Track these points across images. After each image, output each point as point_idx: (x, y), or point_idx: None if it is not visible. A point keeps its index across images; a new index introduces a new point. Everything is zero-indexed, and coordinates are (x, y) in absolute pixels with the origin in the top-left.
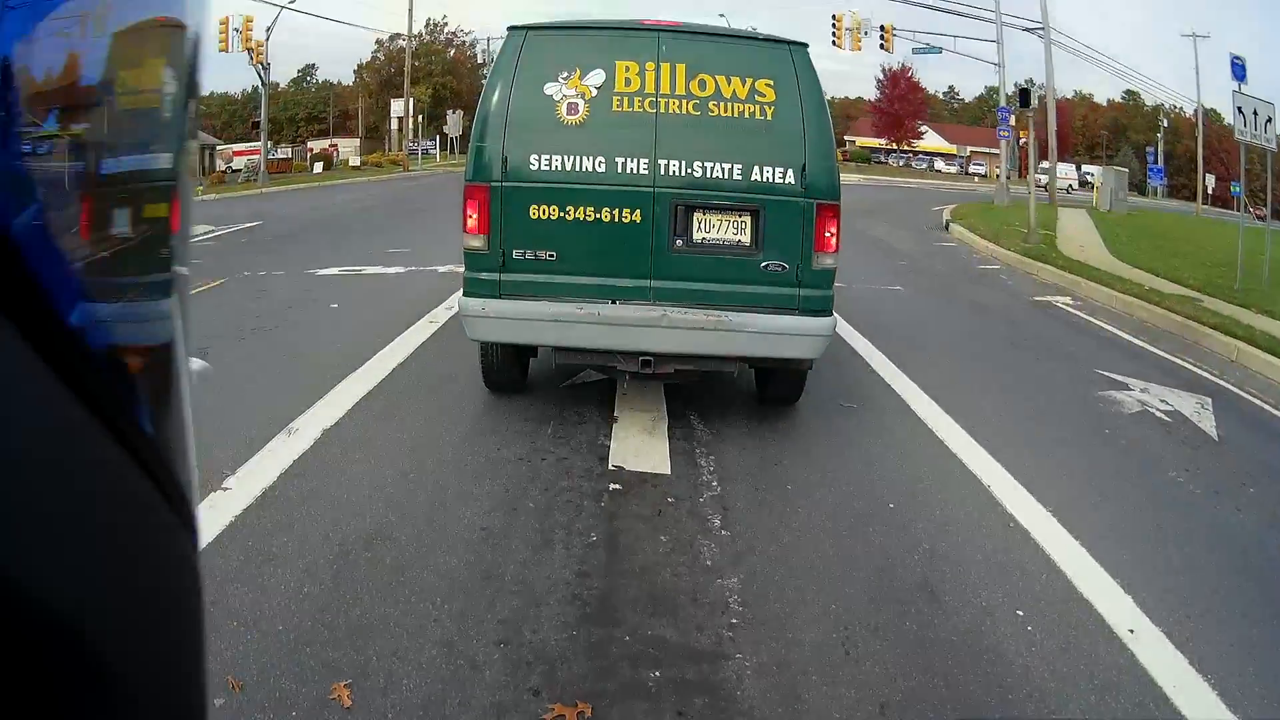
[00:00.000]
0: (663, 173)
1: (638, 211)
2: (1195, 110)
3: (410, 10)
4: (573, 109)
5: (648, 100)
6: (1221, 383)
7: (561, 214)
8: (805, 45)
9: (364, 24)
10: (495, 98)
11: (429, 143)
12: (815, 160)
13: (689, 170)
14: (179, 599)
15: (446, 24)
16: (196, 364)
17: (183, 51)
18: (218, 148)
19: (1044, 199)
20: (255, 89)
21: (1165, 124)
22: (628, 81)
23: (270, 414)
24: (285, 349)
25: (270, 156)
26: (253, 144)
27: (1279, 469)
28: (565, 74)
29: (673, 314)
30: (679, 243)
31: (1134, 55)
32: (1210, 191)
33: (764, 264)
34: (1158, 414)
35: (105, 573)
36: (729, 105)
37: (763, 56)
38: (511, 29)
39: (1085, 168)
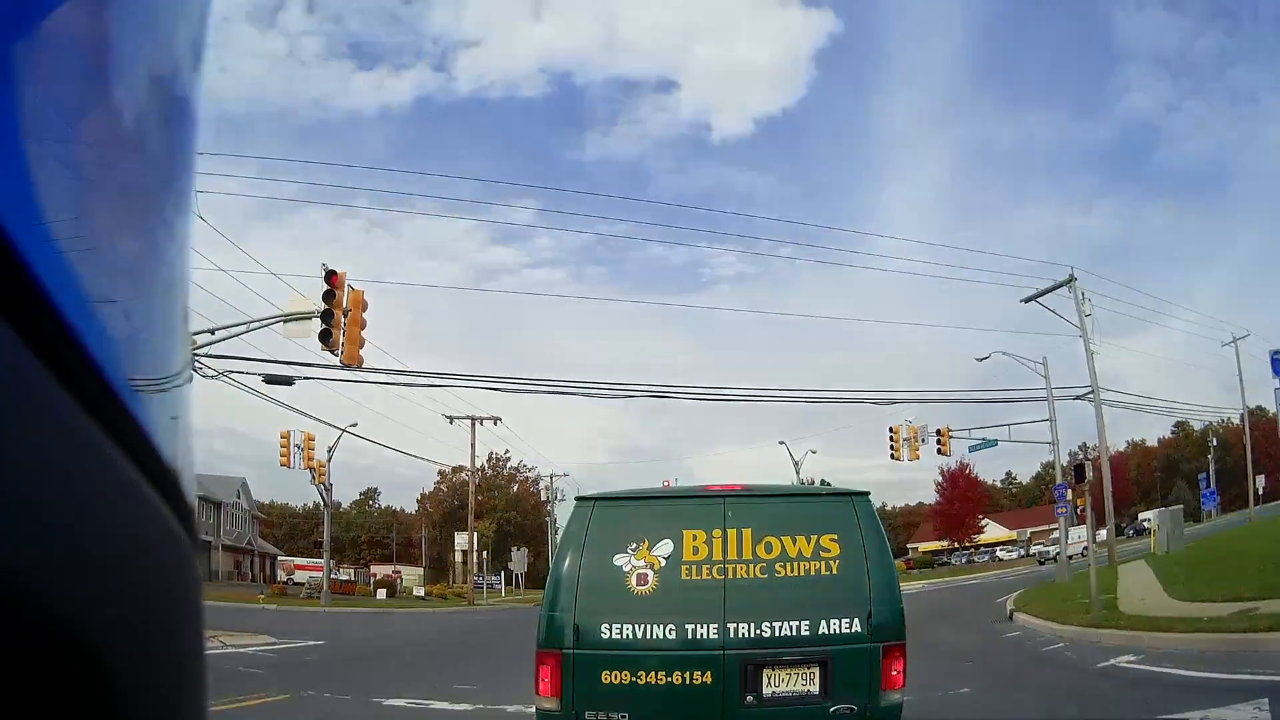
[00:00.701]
0: (731, 635)
1: (708, 673)
2: (1241, 415)
3: (473, 446)
4: (642, 580)
5: (715, 568)
6: None
7: (633, 678)
8: (867, 494)
9: (424, 456)
10: (566, 567)
11: (494, 577)
12: (880, 605)
13: (758, 631)
14: (179, 600)
15: (509, 458)
16: None
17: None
18: (279, 558)
19: (1106, 560)
20: (317, 505)
21: (1215, 443)
22: (695, 550)
23: None
24: None
25: (333, 576)
26: (314, 559)
27: None
28: (634, 545)
29: None
30: (749, 699)
31: (1179, 383)
32: (1260, 490)
33: (833, 709)
34: None
35: (106, 574)
36: (795, 565)
37: (826, 511)
38: (580, 500)
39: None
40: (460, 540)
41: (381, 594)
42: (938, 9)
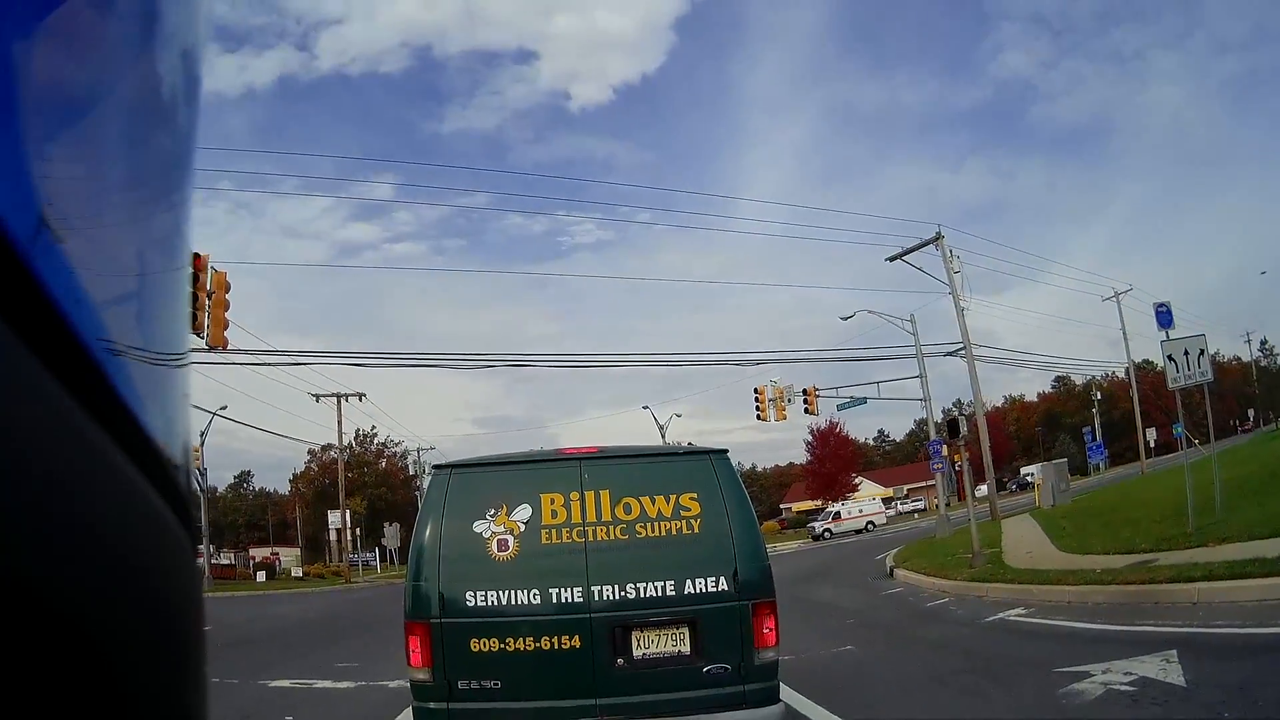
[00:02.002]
0: (596, 598)
1: (576, 637)
2: (1127, 370)
3: (339, 423)
4: (503, 545)
5: (575, 530)
6: (1188, 629)
7: (502, 645)
8: (725, 452)
9: (294, 436)
10: (427, 536)
11: (369, 554)
12: (745, 562)
13: (622, 593)
14: (179, 600)
15: (376, 434)
16: None
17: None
18: None
19: (988, 515)
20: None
21: (1099, 397)
22: (554, 514)
23: None
24: None
25: (213, 561)
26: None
27: (1250, 683)
28: (492, 511)
29: None
30: (620, 661)
31: (1060, 339)
32: (1152, 444)
33: (706, 669)
34: (1122, 688)
35: (105, 573)
36: (655, 525)
37: (684, 470)
38: (437, 468)
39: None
40: (334, 519)
41: (261, 576)
42: None
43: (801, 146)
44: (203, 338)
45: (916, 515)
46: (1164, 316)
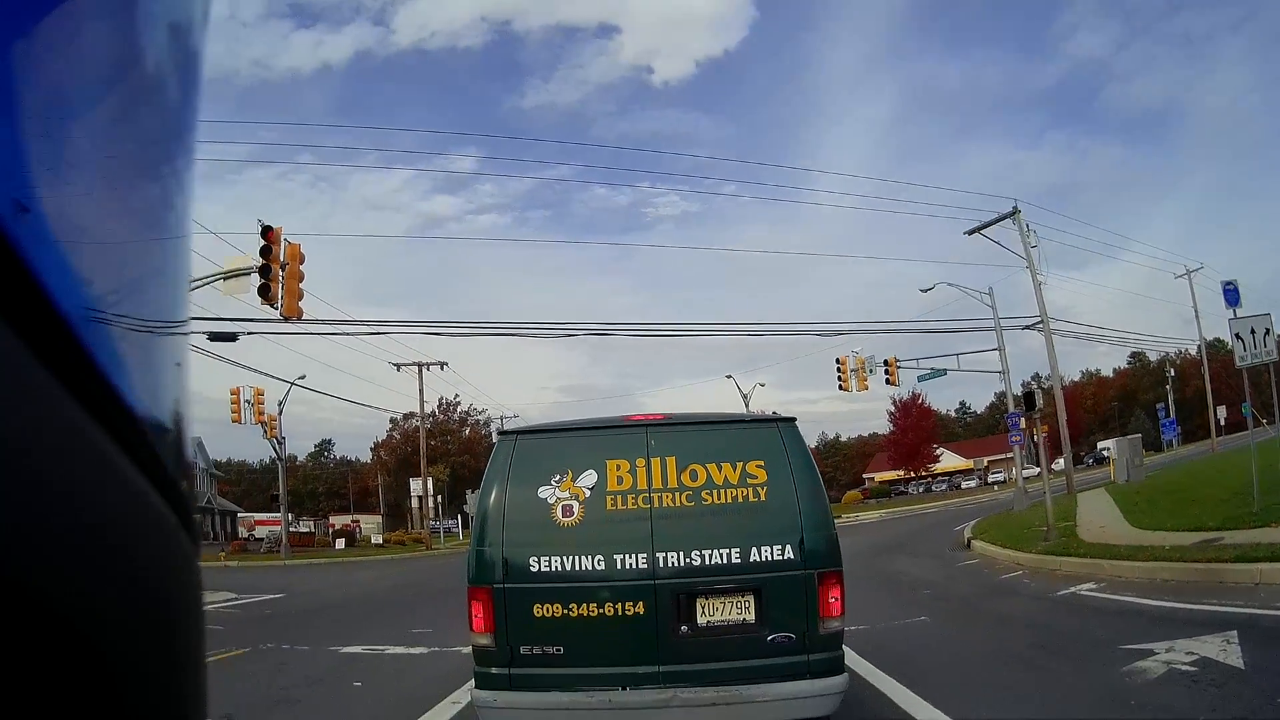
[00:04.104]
0: (661, 565)
1: (640, 603)
2: (1198, 347)
3: (420, 391)
4: (567, 511)
5: (640, 497)
6: (1249, 610)
7: (565, 611)
8: (793, 420)
9: (376, 405)
10: (492, 501)
11: (450, 521)
12: (811, 531)
13: (687, 560)
14: (180, 599)
15: (459, 403)
16: None
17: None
18: (239, 515)
19: (1064, 489)
20: (273, 460)
21: (1172, 374)
22: (619, 480)
23: None
24: None
25: (292, 529)
26: (274, 514)
27: None
28: (558, 477)
29: (683, 694)
30: (684, 629)
31: (1135, 315)
32: (1222, 422)
33: (770, 637)
34: (1183, 668)
35: (105, 572)
36: (722, 492)
37: (751, 438)
38: (502, 434)
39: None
40: (415, 486)
41: (340, 544)
42: None
43: (881, 122)
44: (277, 308)
45: (996, 488)
46: (1231, 295)
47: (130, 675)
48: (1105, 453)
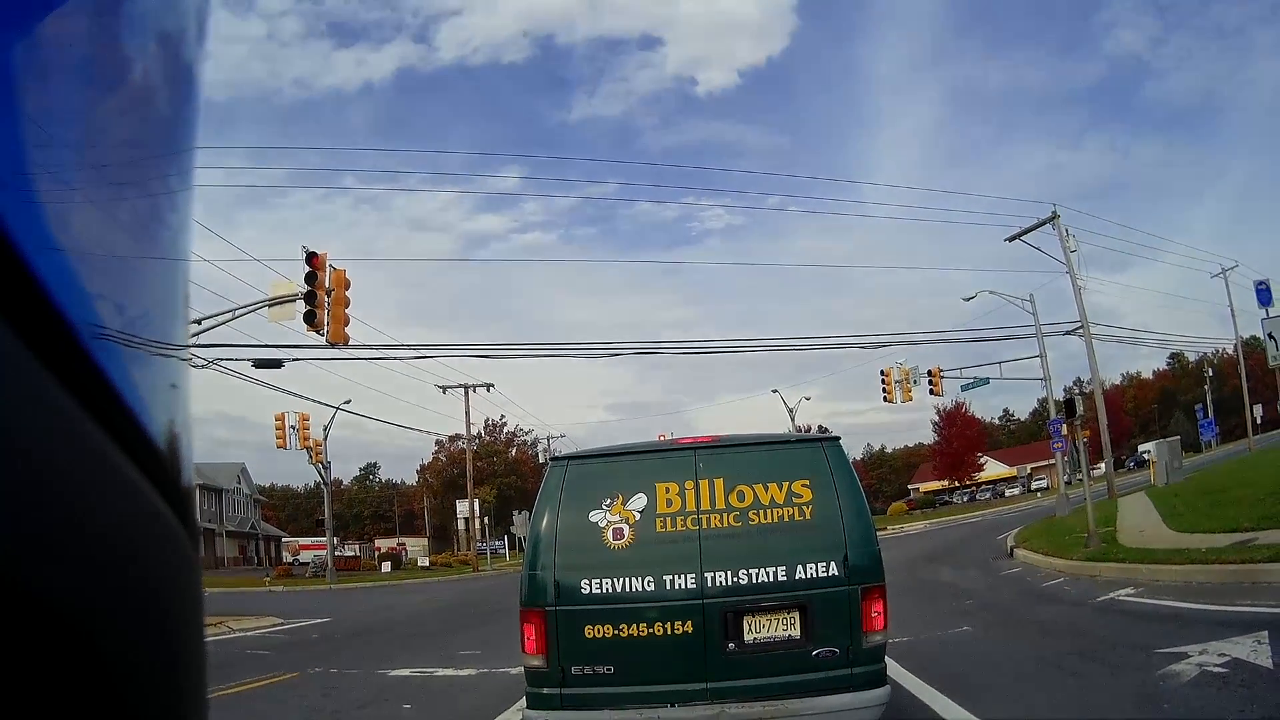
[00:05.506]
0: (710, 584)
1: (689, 622)
2: (1235, 346)
3: (467, 413)
4: (618, 534)
5: (689, 519)
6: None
7: (615, 631)
8: (838, 439)
9: (421, 427)
10: (544, 525)
11: (497, 542)
12: (856, 548)
13: (735, 579)
14: (180, 599)
15: (505, 423)
16: None
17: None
18: (284, 540)
19: (1105, 494)
20: (318, 484)
21: (1210, 374)
22: (669, 502)
23: None
24: None
25: (337, 553)
26: (318, 538)
27: None
28: (608, 501)
29: (731, 710)
30: (731, 646)
31: (1175, 316)
32: (1259, 420)
33: (815, 652)
34: (1215, 669)
35: (105, 572)
36: (769, 512)
37: (797, 458)
38: (554, 459)
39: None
40: (462, 508)
41: (386, 567)
42: None
43: (925, 128)
44: (323, 334)
45: (1039, 494)
46: (1264, 294)
47: (130, 676)
48: (1145, 456)
